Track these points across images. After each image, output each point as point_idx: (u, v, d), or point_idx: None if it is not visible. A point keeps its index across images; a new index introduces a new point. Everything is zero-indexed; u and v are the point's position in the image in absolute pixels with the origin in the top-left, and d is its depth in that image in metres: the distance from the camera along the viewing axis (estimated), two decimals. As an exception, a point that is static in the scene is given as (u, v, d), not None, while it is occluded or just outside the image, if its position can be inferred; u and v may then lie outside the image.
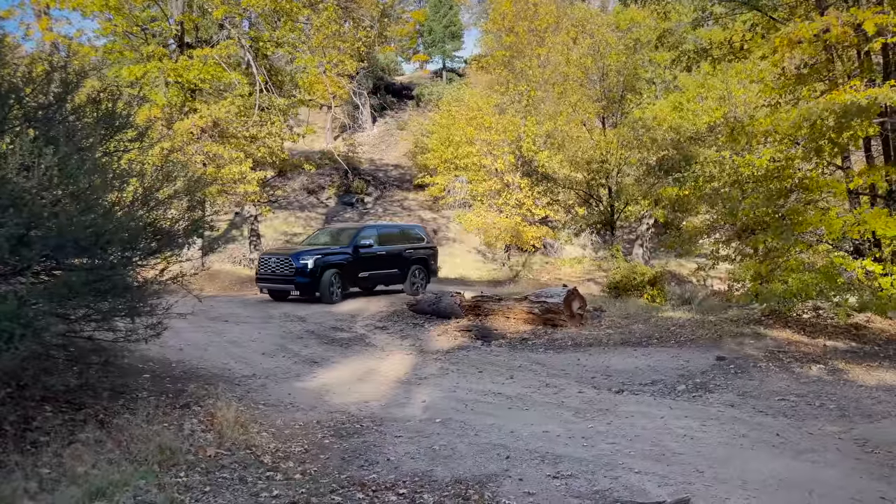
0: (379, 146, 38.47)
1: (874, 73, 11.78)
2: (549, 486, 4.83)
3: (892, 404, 7.36)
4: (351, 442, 5.98)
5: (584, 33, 24.56)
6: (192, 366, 8.39)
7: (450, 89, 39.30)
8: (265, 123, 20.28)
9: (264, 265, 15.21)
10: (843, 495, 4.73)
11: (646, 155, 23.11)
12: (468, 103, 26.26)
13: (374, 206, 32.02)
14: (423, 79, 49.47)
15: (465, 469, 5.20)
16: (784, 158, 12.35)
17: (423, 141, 30.22)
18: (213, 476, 4.85)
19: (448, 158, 25.87)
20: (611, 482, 4.86)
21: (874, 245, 11.62)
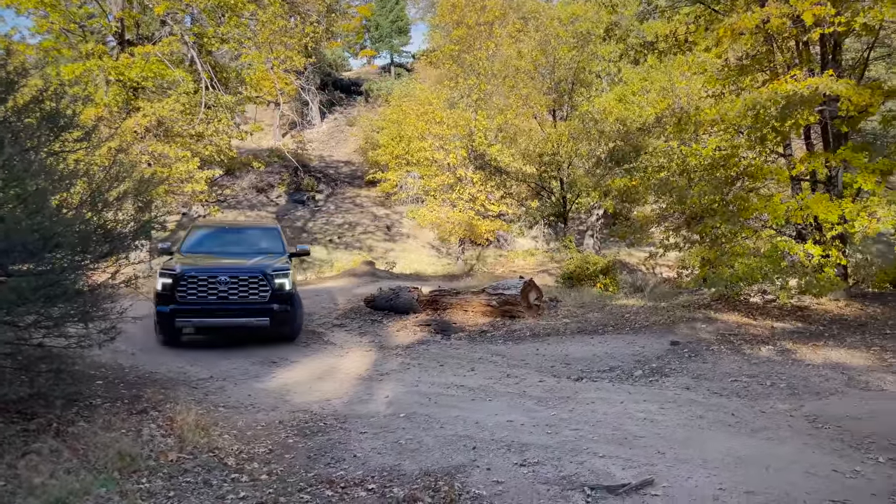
0: (329, 143, 38.10)
1: (813, 63, 12.21)
2: (517, 474, 4.88)
3: (838, 381, 7.67)
4: (316, 440, 5.92)
5: (533, 26, 24.76)
6: (147, 370, 8.19)
7: (399, 84, 39.17)
8: (211, 121, 19.84)
9: (196, 288, 9.52)
10: (797, 469, 4.91)
11: (595, 147, 23.47)
12: (418, 98, 26.21)
13: (325, 203, 31.72)
14: (372, 74, 49.19)
15: (433, 461, 5.21)
16: (729, 147, 12.73)
17: (374, 137, 30.06)
18: (177, 481, 4.75)
19: (399, 154, 25.81)
20: (577, 467, 4.94)
21: (816, 229, 12.07)
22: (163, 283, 9.54)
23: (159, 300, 9.53)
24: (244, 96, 22.82)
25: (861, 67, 13.63)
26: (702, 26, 13.30)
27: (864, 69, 13.95)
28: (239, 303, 9.72)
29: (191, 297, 9.55)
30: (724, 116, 12.18)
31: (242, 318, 9.74)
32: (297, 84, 26.47)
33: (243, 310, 9.73)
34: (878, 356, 8.73)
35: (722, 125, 12.67)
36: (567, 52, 24.01)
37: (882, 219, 10.74)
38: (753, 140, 12.38)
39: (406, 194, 27.13)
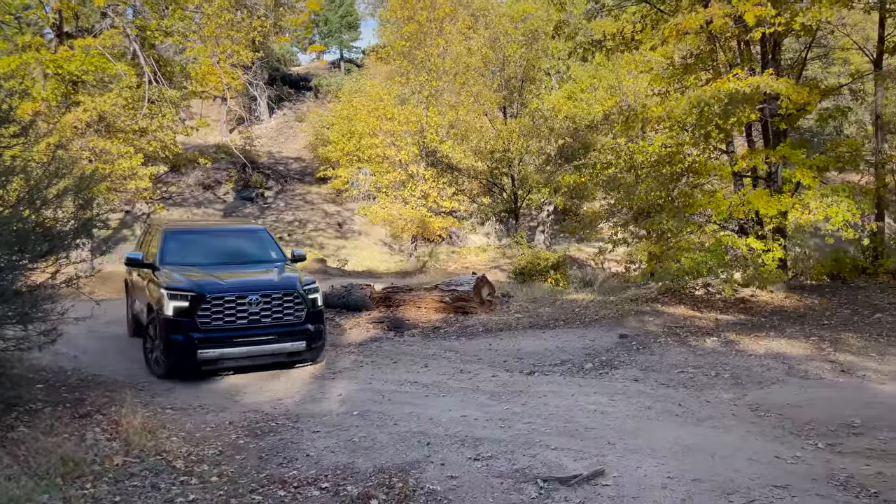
0: (278, 139, 37.54)
1: (754, 62, 12.59)
2: (471, 469, 4.91)
3: (779, 370, 7.94)
4: (267, 441, 5.85)
5: (482, 24, 24.86)
6: (91, 373, 7.95)
7: (349, 80, 38.85)
8: (155, 116, 19.33)
9: (223, 311, 7.96)
10: (742, 456, 5.07)
11: (545, 144, 23.74)
12: (369, 94, 26.06)
13: (275, 200, 31.25)
14: (321, 69, 48.62)
15: (387, 458, 5.20)
16: (675, 144, 13.03)
17: (324, 133, 29.74)
18: (123, 485, 4.63)
19: (351, 150, 25.60)
20: (530, 460, 5.00)
21: (757, 223, 12.45)
22: (176, 307, 7.80)
23: (171, 328, 7.78)
24: (189, 91, 22.29)
25: (799, 67, 14.12)
26: (648, 26, 13.57)
27: (802, 69, 14.47)
28: (273, 325, 8.15)
29: (216, 323, 7.87)
30: (669, 114, 12.47)
31: (277, 343, 8.18)
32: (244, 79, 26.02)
33: (278, 333, 8.18)
34: (817, 346, 9.07)
35: (668, 123, 12.97)
36: (516, 50, 24.20)
37: (814, 210, 11.13)
38: (698, 137, 12.70)
39: (358, 191, 26.95)
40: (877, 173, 13.64)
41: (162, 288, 8.07)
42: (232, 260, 9.40)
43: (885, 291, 11.88)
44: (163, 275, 8.44)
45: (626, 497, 4.35)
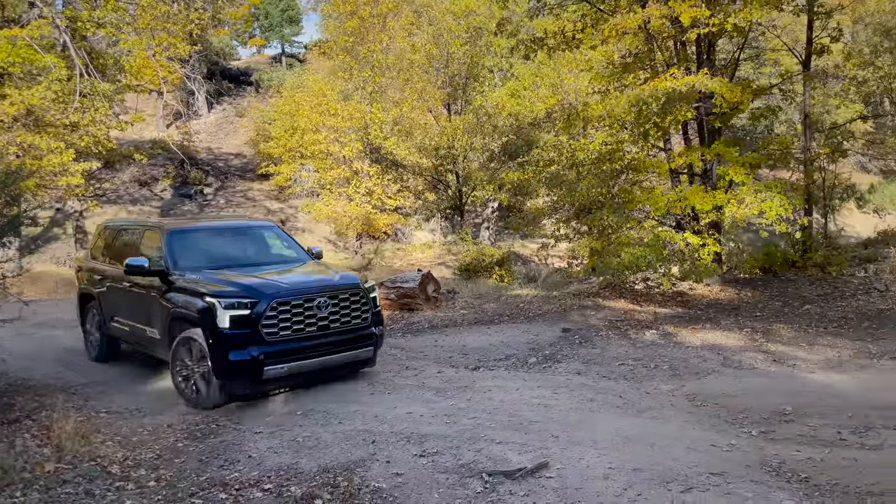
0: (217, 134, 36.68)
1: (690, 62, 12.94)
2: (416, 465, 4.90)
3: (715, 361, 8.19)
4: (208, 443, 5.72)
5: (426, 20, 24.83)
6: (19, 377, 7.64)
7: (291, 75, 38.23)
8: (87, 110, 18.60)
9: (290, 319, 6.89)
10: (680, 445, 5.21)
11: (489, 141, 23.87)
12: (312, 89, 25.67)
13: (214, 197, 30.53)
14: (262, 64, 47.74)
15: (331, 457, 5.15)
16: (615, 142, 13.29)
17: (266, 128, 29.20)
18: (55, 493, 4.46)
19: (293, 147, 25.20)
20: (475, 455, 5.02)
21: (693, 219, 12.81)
22: (234, 318, 6.59)
23: (229, 344, 6.58)
24: (123, 84, 21.55)
25: (733, 67, 14.58)
26: (588, 25, 13.79)
27: (735, 68, 14.94)
28: (342, 331, 7.23)
29: (284, 333, 6.79)
30: (610, 112, 12.72)
31: (348, 351, 7.30)
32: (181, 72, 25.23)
33: (348, 340, 7.29)
34: (750, 337, 9.40)
35: (608, 121, 13.22)
36: (460, 47, 24.25)
37: (749, 206, 11.53)
38: (637, 135, 12.98)
39: (301, 188, 26.55)
40: (806, 170, 14.22)
41: (207, 296, 6.76)
42: (255, 260, 8.32)
43: (814, 284, 12.39)
44: (191, 281, 7.15)
45: (570, 488, 4.41)
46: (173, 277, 7.35)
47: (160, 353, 7.60)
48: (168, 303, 7.27)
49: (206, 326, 6.70)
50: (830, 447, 5.13)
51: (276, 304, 6.76)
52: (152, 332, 7.60)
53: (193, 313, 6.89)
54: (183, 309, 7.08)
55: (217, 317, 6.62)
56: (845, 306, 10.83)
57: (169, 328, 7.24)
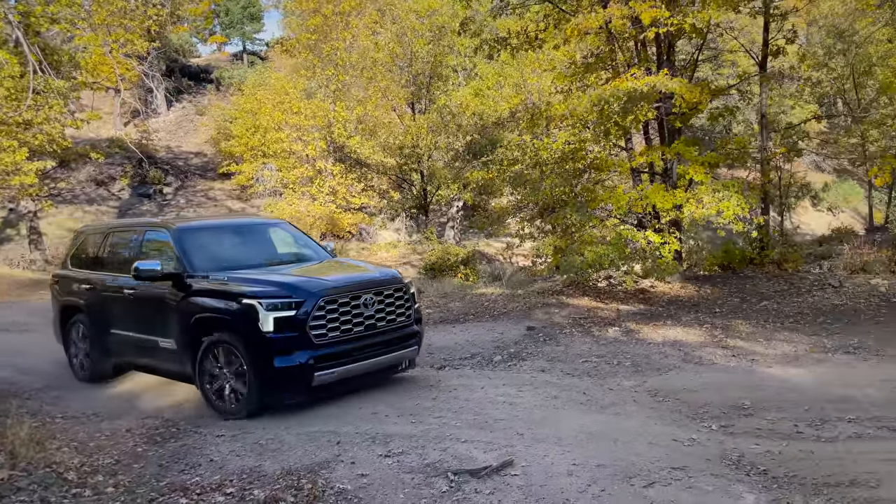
0: (177, 133, 36.03)
1: (650, 62, 13.11)
2: (381, 466, 4.87)
3: (676, 357, 8.33)
4: (168, 447, 5.61)
5: (389, 18, 24.74)
6: (-31, 383, 7.38)
7: (253, 73, 37.76)
8: (41, 108, 18.11)
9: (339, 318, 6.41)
10: (642, 441, 5.27)
11: (453, 140, 23.89)
12: (274, 87, 25.41)
13: (174, 197, 29.99)
14: (223, 61, 47.03)
15: (295, 459, 5.09)
16: (577, 141, 13.40)
17: (227, 127, 28.78)
18: (9, 501, 4.32)
19: (255, 145, 24.91)
20: (440, 454, 5.01)
21: (654, 217, 13.00)
22: (278, 319, 6.04)
23: (274, 349, 6.04)
24: (79, 81, 21.02)
25: (692, 68, 14.83)
26: (551, 25, 13.88)
27: (695, 69, 15.20)
28: (388, 330, 6.80)
29: (333, 335, 6.29)
30: (572, 112, 12.82)
31: (396, 351, 6.88)
32: (139, 70, 24.75)
33: (394, 339, 6.87)
34: (710, 333, 9.58)
35: (570, 120, 13.32)
36: (423, 46, 24.23)
37: (707, 204, 11.75)
38: (599, 134, 13.11)
39: (263, 187, 26.23)
40: (762, 169, 14.54)
41: (244, 298, 6.20)
42: (276, 258, 7.80)
43: (771, 280, 12.67)
44: (219, 282, 6.58)
45: (534, 485, 4.43)
46: (193, 280, 6.71)
47: (175, 365, 6.88)
48: (189, 308, 6.62)
49: (245, 331, 6.14)
50: (788, 440, 5.24)
51: (323, 304, 6.22)
52: (166, 343, 6.88)
53: (226, 317, 6.32)
54: (211, 313, 6.47)
55: (259, 320, 6.04)
56: (801, 302, 11.10)
57: (191, 336, 6.57)
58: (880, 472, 4.41)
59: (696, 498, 4.14)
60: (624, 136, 13.96)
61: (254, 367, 6.12)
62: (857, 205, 33.66)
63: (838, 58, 26.13)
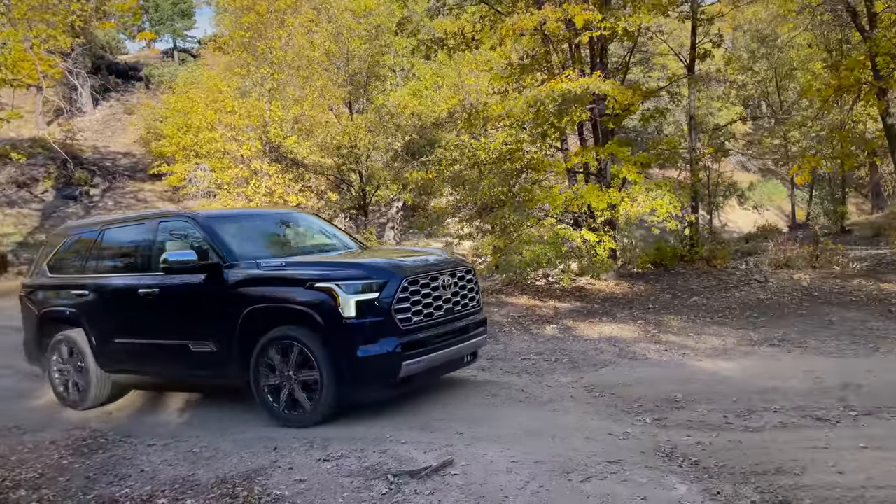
0: (104, 132, 34.76)
1: (584, 64, 13.38)
2: (319, 470, 4.80)
3: (611, 353, 8.51)
4: (95, 458, 5.39)
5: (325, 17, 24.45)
6: None
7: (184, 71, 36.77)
8: (-44, 106, 17.20)
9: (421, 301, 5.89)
10: (580, 436, 5.35)
11: (392, 140, 23.79)
12: (207, 86, 24.78)
13: (102, 198, 28.93)
14: (153, 59, 45.60)
15: (230, 467, 4.96)
16: (515, 142, 13.56)
17: (158, 126, 27.92)
18: (-82, 523, 4.08)
19: (187, 145, 24.22)
20: (380, 456, 4.97)
21: (590, 216, 13.26)
22: (360, 303, 5.47)
23: (357, 337, 5.48)
24: (-3, 78, 20.03)
25: (624, 70, 15.21)
26: (487, 26, 13.99)
27: (626, 71, 15.59)
28: (463, 315, 6.34)
29: (417, 320, 5.78)
30: (509, 113, 12.96)
31: (471, 338, 6.43)
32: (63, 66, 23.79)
33: (467, 326, 6.40)
34: (643, 328, 9.83)
35: (508, 121, 13.47)
36: (360, 45, 24.06)
37: (641, 203, 12.08)
38: (535, 135, 13.30)
39: (196, 188, 25.53)
40: (692, 169, 15.03)
41: (317, 282, 5.57)
42: (315, 247, 7.25)
43: (701, 276, 13.10)
44: (275, 268, 5.96)
45: (474, 484, 4.45)
46: (236, 269, 6.00)
47: (214, 370, 6.21)
48: (236, 301, 5.89)
49: (320, 320, 5.51)
50: (718, 431, 5.41)
51: (406, 284, 5.67)
52: (202, 345, 6.16)
53: (293, 306, 5.66)
54: (269, 304, 5.82)
55: (340, 304, 5.42)
56: (729, 297, 11.51)
57: (241, 333, 5.87)
58: (804, 460, 4.59)
59: (631, 490, 4.23)
60: (560, 137, 14.19)
61: (332, 360, 5.51)
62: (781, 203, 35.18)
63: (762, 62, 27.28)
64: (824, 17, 17.82)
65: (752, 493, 4.11)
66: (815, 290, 11.46)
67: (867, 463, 4.45)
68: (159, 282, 6.39)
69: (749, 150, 32.33)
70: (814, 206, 28.76)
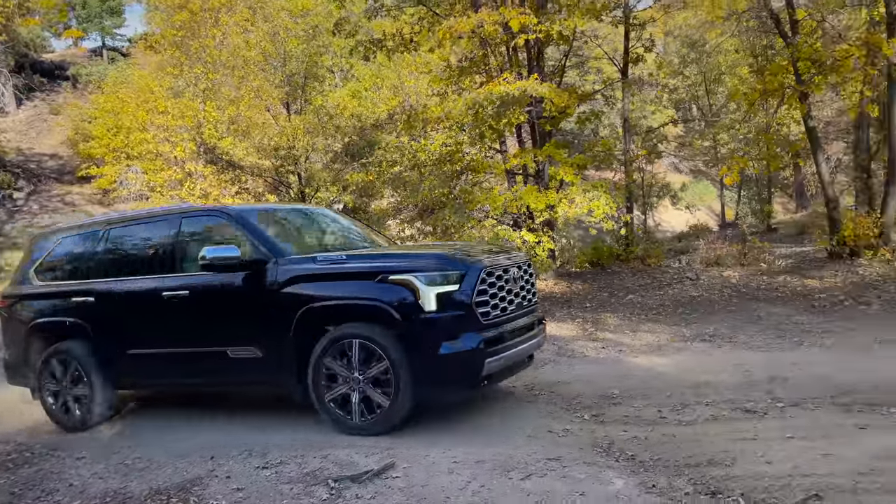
0: (28, 133, 33.27)
1: (521, 67, 13.55)
2: (258, 478, 4.72)
3: (550, 351, 8.61)
4: (21, 473, 5.17)
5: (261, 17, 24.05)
6: None
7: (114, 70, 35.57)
8: None
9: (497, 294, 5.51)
10: (521, 434, 5.40)
11: (332, 142, 23.58)
12: (138, 85, 24.03)
13: (27, 202, 27.70)
14: (80, 57, 43.91)
15: (165, 478, 4.82)
16: (454, 144, 13.64)
17: (86, 127, 26.90)
18: None
19: (118, 147, 23.42)
20: (321, 461, 4.92)
21: (529, 217, 13.44)
22: (440, 296, 5.07)
23: (438, 332, 5.10)
24: None
25: (560, 73, 15.48)
26: (425, 28, 14.04)
27: (563, 75, 15.87)
28: (529, 310, 6.04)
29: (495, 314, 5.42)
30: (448, 115, 13.02)
31: (535, 335, 6.08)
32: (-18, 64, 22.68)
33: (533, 322, 6.09)
34: (581, 326, 10.01)
35: (447, 122, 13.54)
36: (297, 45, 23.78)
37: (579, 204, 12.32)
38: (474, 137, 13.41)
39: (128, 191, 24.70)
40: (626, 170, 15.41)
41: (391, 273, 5.18)
42: (351, 243, 6.78)
43: (636, 275, 13.44)
44: (334, 261, 5.55)
45: (416, 486, 4.44)
46: (285, 266, 5.53)
47: (259, 376, 5.73)
48: (289, 300, 5.43)
49: (397, 315, 5.09)
50: (653, 425, 5.56)
51: (485, 276, 5.27)
52: (243, 351, 5.66)
53: (362, 302, 5.24)
54: (332, 301, 5.38)
55: (420, 298, 5.02)
56: (663, 295, 11.84)
57: (296, 335, 5.42)
58: (734, 451, 4.76)
59: (570, 486, 4.30)
60: (498, 139, 14.34)
61: (409, 359, 5.09)
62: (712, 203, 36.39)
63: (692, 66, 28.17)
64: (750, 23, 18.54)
65: (685, 485, 4.23)
66: (743, 286, 11.90)
67: (793, 452, 4.64)
68: (188, 282, 5.88)
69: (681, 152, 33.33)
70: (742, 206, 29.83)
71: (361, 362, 5.24)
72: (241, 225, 5.92)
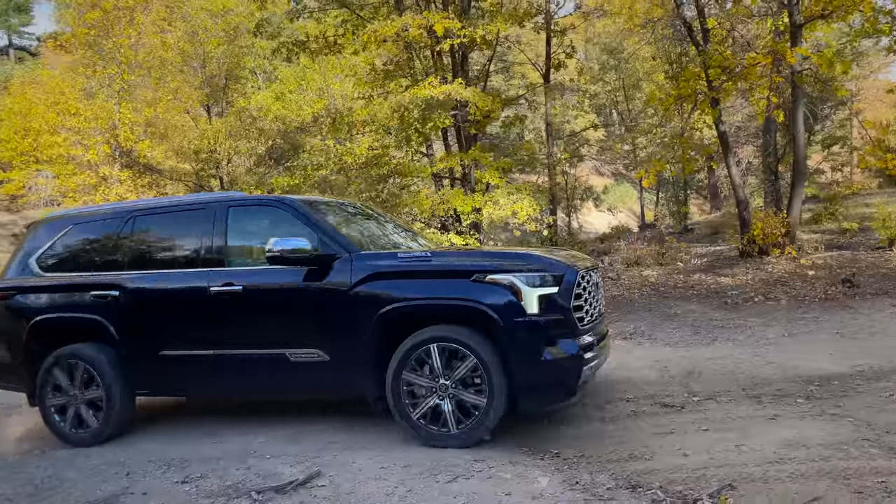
0: (-74, 136, 31.19)
1: (446, 71, 13.65)
2: (177, 493, 4.56)
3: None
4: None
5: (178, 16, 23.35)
6: None
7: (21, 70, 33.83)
8: None
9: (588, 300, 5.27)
10: (447, 437, 5.43)
11: (255, 144, 23.13)
12: (47, 86, 22.92)
13: (-75, 209, 25.99)
14: (-17, 56, 41.60)
15: (75, 498, 4.60)
16: (381, 147, 13.61)
17: (-10, 130, 25.47)
18: None
19: (26, 150, 22.28)
20: (244, 473, 4.80)
21: (456, 220, 13.54)
22: (542, 298, 4.78)
23: (539, 337, 4.80)
24: None
25: (485, 77, 15.66)
26: (349, 31, 13.95)
27: (487, 79, 16.07)
28: (602, 317, 5.82)
29: (587, 319, 5.15)
30: (374, 118, 12.99)
31: (607, 346, 5.85)
32: None
33: (606, 332, 5.83)
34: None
35: (373, 126, 13.50)
36: (217, 46, 23.21)
37: (504, 207, 12.50)
38: (401, 140, 13.42)
39: (37, 196, 23.53)
40: (550, 173, 15.74)
41: (490, 273, 4.83)
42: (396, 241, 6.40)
43: (561, 276, 13.72)
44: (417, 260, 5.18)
45: (342, 494, 4.39)
46: (364, 262, 5.15)
47: (327, 381, 5.32)
48: (367, 299, 5.05)
49: (496, 317, 4.77)
50: (577, 423, 5.68)
51: (580, 279, 5.00)
52: (306, 355, 5.23)
53: (458, 302, 4.89)
54: (421, 301, 4.99)
55: (522, 299, 4.74)
56: (587, 295, 12.13)
57: (374, 338, 5.06)
58: (653, 445, 4.92)
59: (496, 487, 4.34)
60: (425, 143, 14.39)
61: (506, 364, 4.80)
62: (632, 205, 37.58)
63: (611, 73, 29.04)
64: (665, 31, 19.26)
65: (607, 480, 4.34)
66: (661, 285, 12.33)
67: (708, 444, 4.84)
68: (241, 277, 5.40)
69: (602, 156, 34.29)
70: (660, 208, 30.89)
71: (449, 367, 4.93)
72: (305, 216, 5.47)
